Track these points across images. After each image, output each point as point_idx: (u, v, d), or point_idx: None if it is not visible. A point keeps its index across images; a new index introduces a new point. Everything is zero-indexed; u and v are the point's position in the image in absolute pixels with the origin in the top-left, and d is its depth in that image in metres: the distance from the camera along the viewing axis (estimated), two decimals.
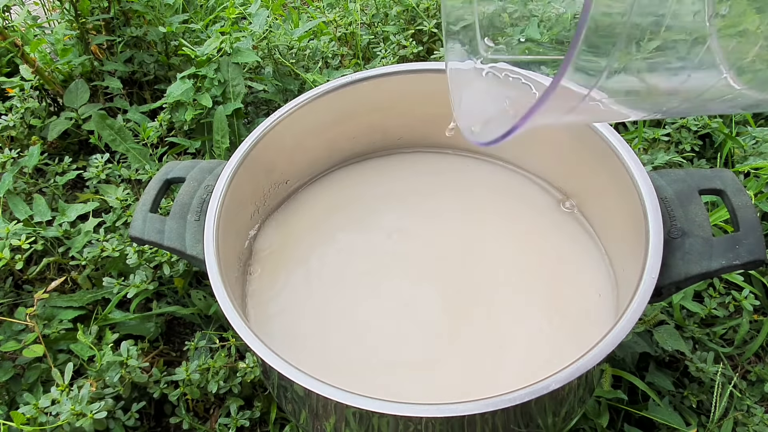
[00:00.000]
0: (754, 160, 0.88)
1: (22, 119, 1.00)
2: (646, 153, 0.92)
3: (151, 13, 1.06)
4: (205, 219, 0.53)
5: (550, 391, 0.40)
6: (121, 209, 0.86)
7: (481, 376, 0.56)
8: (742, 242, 0.44)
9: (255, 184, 0.65)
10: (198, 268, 0.54)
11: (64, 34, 1.05)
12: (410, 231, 0.70)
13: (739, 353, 0.78)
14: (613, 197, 0.57)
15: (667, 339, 0.69)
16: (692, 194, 0.50)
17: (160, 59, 1.09)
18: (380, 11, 1.15)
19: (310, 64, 1.08)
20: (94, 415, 0.62)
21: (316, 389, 0.43)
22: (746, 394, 0.74)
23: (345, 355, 0.60)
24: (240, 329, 0.47)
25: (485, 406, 0.40)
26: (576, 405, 0.51)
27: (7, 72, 1.13)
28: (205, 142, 0.98)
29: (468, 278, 0.65)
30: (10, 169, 0.91)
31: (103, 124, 0.96)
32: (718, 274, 0.45)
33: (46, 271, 0.88)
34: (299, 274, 0.66)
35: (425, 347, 0.59)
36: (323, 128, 0.69)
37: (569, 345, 0.57)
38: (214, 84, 0.93)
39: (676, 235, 0.47)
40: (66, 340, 0.76)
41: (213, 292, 0.49)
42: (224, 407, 0.74)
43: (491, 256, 0.66)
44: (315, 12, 1.29)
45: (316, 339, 0.61)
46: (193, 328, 0.86)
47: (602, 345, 0.42)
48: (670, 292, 0.47)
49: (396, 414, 0.42)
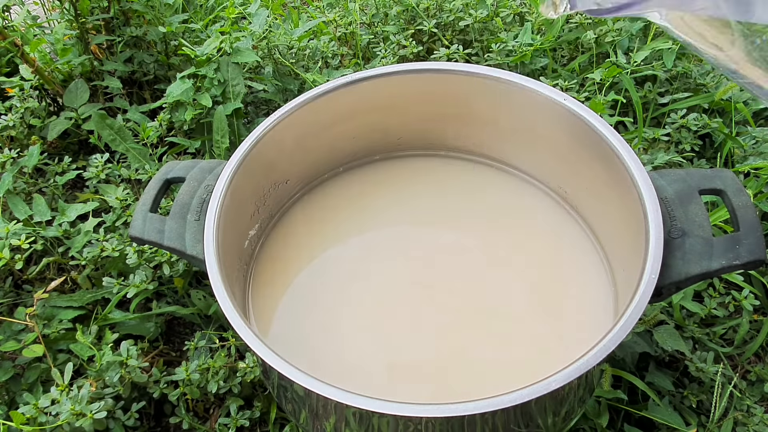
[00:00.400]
0: (754, 160, 0.88)
1: (21, 119, 1.00)
2: (646, 153, 0.92)
3: (151, 13, 1.06)
4: (205, 219, 0.53)
5: (550, 391, 0.40)
6: (121, 209, 0.86)
7: (481, 376, 0.56)
8: (742, 242, 0.44)
9: (255, 184, 0.65)
10: (198, 268, 0.54)
11: (64, 33, 1.04)
12: (412, 233, 0.70)
13: (739, 353, 0.78)
14: (613, 197, 0.57)
15: (666, 339, 0.69)
16: (692, 194, 0.50)
17: (160, 59, 1.09)
18: (380, 11, 1.15)
19: (310, 63, 1.08)
20: (94, 415, 0.62)
21: (316, 389, 0.43)
22: (746, 394, 0.74)
23: (345, 355, 0.60)
24: (240, 329, 0.47)
25: (485, 406, 0.40)
26: (576, 405, 0.51)
27: (7, 72, 1.13)
28: (205, 141, 0.98)
29: (468, 280, 0.65)
30: (9, 168, 0.91)
31: (102, 124, 0.96)
32: (718, 274, 0.45)
33: (45, 271, 0.88)
34: (299, 275, 0.66)
35: (425, 348, 0.59)
36: (323, 128, 0.69)
37: (569, 345, 0.57)
38: (213, 84, 0.93)
39: (676, 235, 0.47)
40: (66, 340, 0.76)
41: (213, 292, 0.49)
42: (224, 407, 0.74)
43: (491, 258, 0.67)
44: (315, 12, 1.29)
45: (317, 339, 0.61)
46: (193, 328, 0.86)
47: (602, 345, 0.42)
48: (671, 292, 0.47)
49: (396, 414, 0.42)
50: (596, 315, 0.59)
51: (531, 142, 0.69)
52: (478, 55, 1.06)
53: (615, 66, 0.94)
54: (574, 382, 0.41)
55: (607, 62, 0.96)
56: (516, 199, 0.72)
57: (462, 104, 0.70)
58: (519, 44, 1.02)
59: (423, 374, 0.58)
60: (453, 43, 1.03)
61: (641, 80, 1.03)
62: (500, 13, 1.10)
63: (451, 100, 0.70)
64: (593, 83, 0.97)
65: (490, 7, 1.10)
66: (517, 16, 1.12)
